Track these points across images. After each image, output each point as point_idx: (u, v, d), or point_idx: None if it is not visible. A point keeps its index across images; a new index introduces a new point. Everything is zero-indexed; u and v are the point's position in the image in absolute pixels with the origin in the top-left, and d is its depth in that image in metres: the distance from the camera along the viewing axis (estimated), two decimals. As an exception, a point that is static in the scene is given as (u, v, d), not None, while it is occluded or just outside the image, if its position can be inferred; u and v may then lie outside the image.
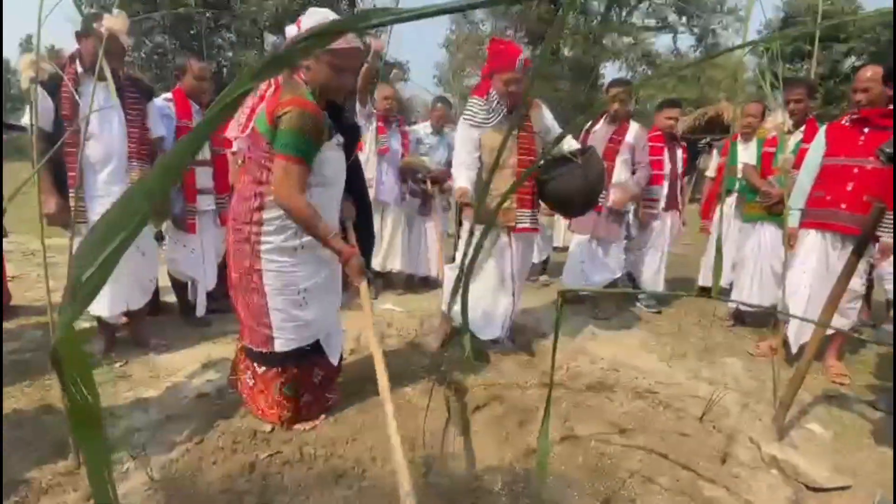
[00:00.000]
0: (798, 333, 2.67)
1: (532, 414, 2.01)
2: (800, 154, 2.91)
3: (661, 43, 19.31)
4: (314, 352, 1.89)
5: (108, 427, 1.87)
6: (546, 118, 2.55)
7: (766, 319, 3.40)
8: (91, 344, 2.61)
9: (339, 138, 1.74)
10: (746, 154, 3.39)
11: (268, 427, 1.83)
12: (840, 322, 2.59)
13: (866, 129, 2.48)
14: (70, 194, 2.20)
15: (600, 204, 3.09)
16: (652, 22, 19.37)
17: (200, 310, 2.93)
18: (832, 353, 2.74)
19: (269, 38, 15.77)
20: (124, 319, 2.60)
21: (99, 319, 2.51)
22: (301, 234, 1.68)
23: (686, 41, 19.63)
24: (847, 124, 2.56)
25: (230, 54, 15.82)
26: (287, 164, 1.55)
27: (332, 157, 1.70)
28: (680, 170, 3.68)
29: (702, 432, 1.99)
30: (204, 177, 2.82)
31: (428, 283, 4.12)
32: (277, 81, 1.74)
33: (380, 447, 1.73)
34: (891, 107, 2.43)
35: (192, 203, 2.76)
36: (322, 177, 1.67)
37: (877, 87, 2.39)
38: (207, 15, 14.00)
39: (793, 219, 2.72)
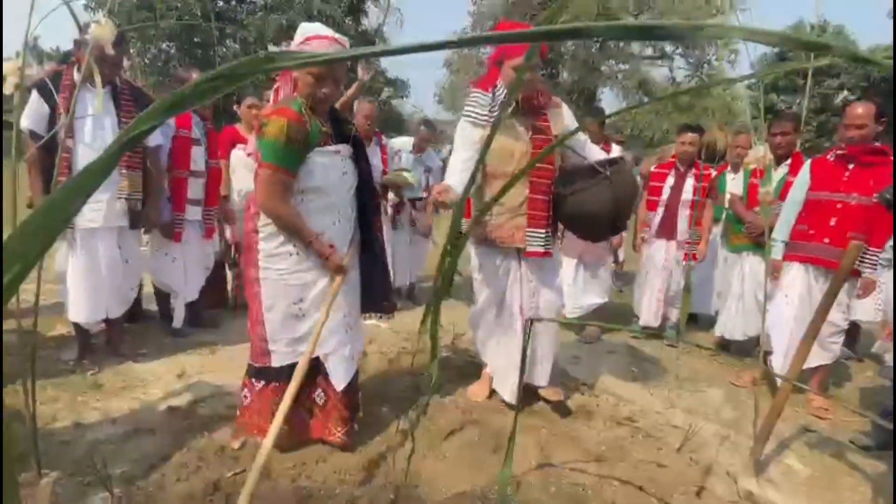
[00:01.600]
0: (782, 366, 2.66)
1: (507, 439, 1.97)
2: (785, 187, 2.95)
3: (659, 72, 19.71)
4: (316, 371, 1.76)
5: (73, 439, 1.83)
6: (566, 120, 2.15)
7: (750, 349, 3.40)
8: (65, 350, 2.57)
9: (339, 147, 1.73)
10: (734, 184, 3.43)
11: (236, 444, 1.79)
12: (823, 356, 2.60)
13: (851, 166, 2.52)
14: None
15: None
16: (649, 51, 19.82)
17: (178, 321, 2.89)
18: (814, 387, 2.73)
19: (274, 49, 15.95)
20: (102, 326, 2.56)
21: (76, 325, 2.47)
22: (294, 240, 1.67)
23: (682, 71, 20.05)
24: (832, 160, 2.60)
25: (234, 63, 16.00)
26: (267, 173, 1.58)
27: (325, 163, 1.67)
28: (689, 197, 3.44)
29: (679, 463, 1.96)
30: (196, 187, 2.81)
31: (413, 297, 4.12)
32: (276, 95, 1.75)
33: (350, 470, 1.69)
34: (876, 144, 2.47)
35: (180, 212, 2.75)
36: (312, 183, 1.65)
37: (871, 124, 2.42)
38: (213, 25, 14.19)
39: (776, 251, 2.75)
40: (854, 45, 19.25)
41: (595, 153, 2.18)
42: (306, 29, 1.66)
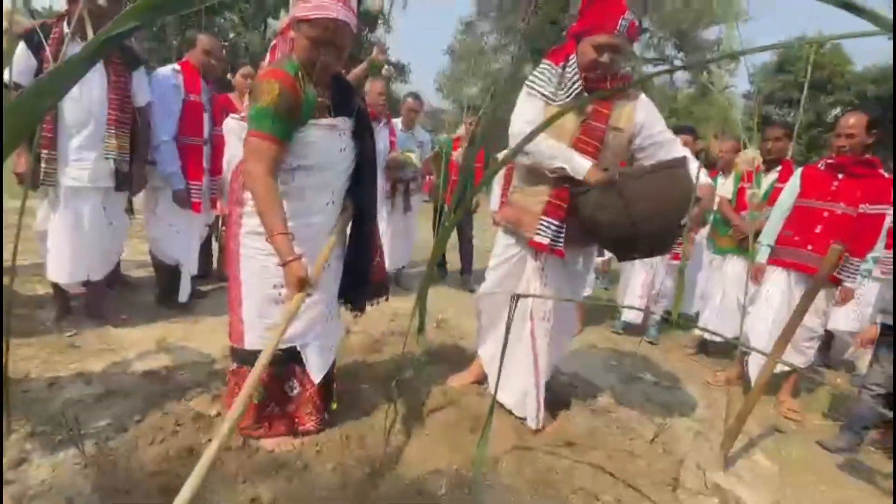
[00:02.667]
0: (755, 368, 2.72)
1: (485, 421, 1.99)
2: (774, 193, 3.00)
3: (659, 75, 19.74)
4: (292, 359, 1.67)
5: (46, 398, 1.80)
6: (639, 116, 1.82)
7: (729, 350, 3.47)
8: (44, 310, 2.52)
9: (336, 121, 1.56)
10: (723, 188, 3.47)
11: (213, 411, 1.78)
12: (797, 360, 2.66)
13: (840, 175, 2.55)
14: (44, 155, 2.13)
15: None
16: (650, 54, 19.84)
17: (184, 295, 2.79)
18: (787, 390, 2.80)
19: (273, 24, 15.63)
20: (82, 289, 2.51)
21: (55, 286, 2.43)
22: (304, 218, 1.54)
23: (681, 76, 20.13)
24: (822, 168, 2.64)
25: (232, 35, 15.64)
26: (253, 141, 1.41)
27: (320, 137, 1.52)
28: None
29: (651, 454, 2.00)
30: (204, 158, 2.72)
31: (400, 282, 4.11)
32: (273, 54, 1.57)
33: (325, 445, 1.69)
34: (867, 156, 2.51)
35: (197, 181, 2.65)
36: (304, 158, 1.51)
37: (861, 133, 2.44)
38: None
39: (761, 254, 2.79)
40: (851, 61, 19.48)
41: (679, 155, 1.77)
42: None
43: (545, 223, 1.85)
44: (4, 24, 1.30)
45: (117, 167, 2.30)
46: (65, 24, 2.18)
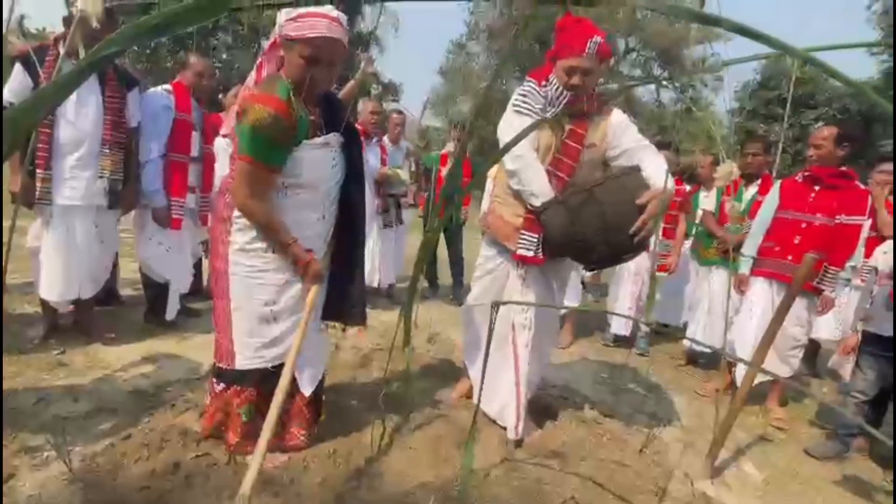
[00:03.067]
0: (744, 376, 2.76)
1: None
2: (754, 206, 3.08)
3: (645, 92, 20.25)
4: (276, 376, 1.59)
5: (34, 413, 1.79)
6: (614, 131, 1.90)
7: (718, 361, 3.51)
8: (32, 328, 2.51)
9: (329, 138, 1.57)
10: (707, 201, 3.55)
11: (199, 427, 1.77)
12: (782, 369, 2.70)
13: (817, 187, 2.63)
14: (39, 174, 2.16)
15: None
16: (638, 72, 20.35)
17: (171, 313, 2.79)
18: (773, 399, 2.83)
19: (266, 44, 15.86)
20: (70, 307, 2.51)
21: (43, 304, 2.42)
22: (269, 239, 1.55)
23: (668, 94, 20.60)
24: (800, 181, 2.72)
25: (224, 56, 15.86)
26: (243, 167, 1.43)
27: (312, 157, 1.53)
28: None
29: (640, 464, 2.01)
30: (192, 174, 2.76)
31: (392, 296, 4.13)
32: (259, 73, 1.58)
33: (312, 460, 1.69)
34: (843, 168, 2.59)
35: (180, 199, 2.67)
36: (297, 177, 1.51)
37: (828, 146, 2.54)
38: (207, 16, 14.09)
39: (744, 265, 2.86)
40: (838, 73, 20.01)
41: (650, 167, 1.80)
42: (299, 9, 1.42)
43: (525, 236, 1.92)
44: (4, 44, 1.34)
45: (110, 186, 2.33)
46: (60, 45, 2.23)
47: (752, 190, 3.22)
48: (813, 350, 3.67)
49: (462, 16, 19.92)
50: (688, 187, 3.70)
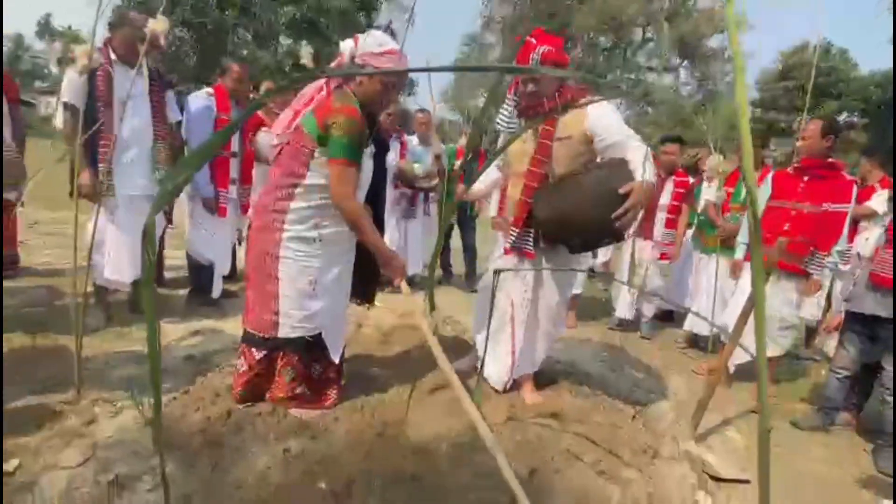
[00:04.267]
0: (733, 356, 2.94)
1: (484, 398, 2.25)
2: (752, 196, 3.24)
3: (663, 83, 20.05)
4: (315, 346, 1.92)
5: (105, 374, 2.10)
6: (590, 120, 2.02)
7: (717, 344, 3.68)
8: (90, 317, 2.81)
9: (371, 148, 1.90)
10: (709, 192, 3.72)
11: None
12: (771, 349, 2.88)
13: (806, 178, 2.80)
14: (104, 169, 2.43)
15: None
16: (655, 62, 20.16)
17: (216, 292, 3.13)
18: (765, 377, 3.00)
19: (285, 42, 16.22)
20: (127, 287, 2.81)
21: (99, 290, 2.70)
22: (321, 227, 1.82)
23: (686, 84, 20.37)
24: (791, 172, 2.89)
25: (245, 52, 16.28)
26: (343, 168, 1.72)
27: (365, 164, 1.84)
28: (667, 201, 3.73)
29: (632, 428, 2.22)
30: (233, 168, 3.07)
31: (413, 283, 4.39)
32: (329, 87, 1.84)
33: (342, 414, 1.96)
34: (830, 159, 2.75)
35: (224, 189, 3.00)
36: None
37: (814, 138, 2.71)
38: (226, 13, 14.43)
39: (739, 252, 3.03)
40: (855, 67, 19.56)
41: (634, 160, 1.91)
42: (383, 40, 1.81)
43: (513, 232, 2.19)
44: (84, 61, 1.62)
45: (161, 178, 2.62)
46: (110, 50, 2.49)
47: (751, 181, 3.37)
48: (810, 332, 3.82)
49: (477, 8, 19.97)
50: (691, 179, 3.86)
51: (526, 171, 2.11)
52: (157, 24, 1.61)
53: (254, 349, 1.92)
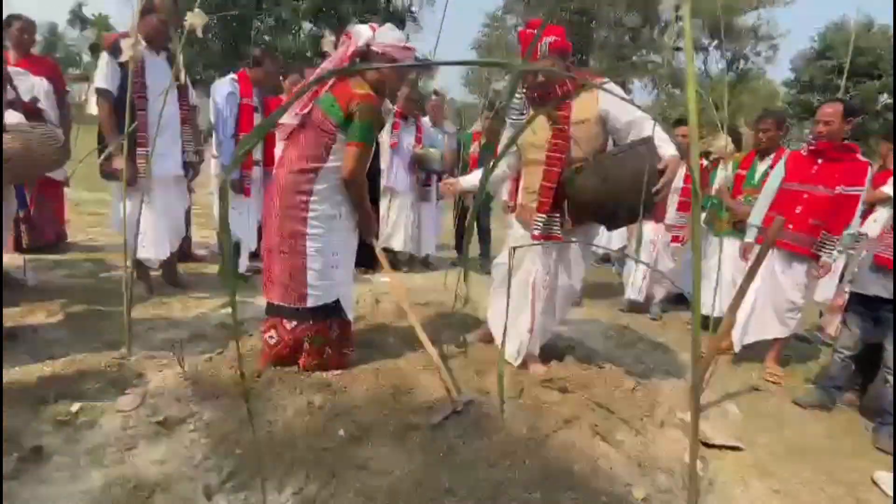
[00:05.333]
0: (741, 336, 3.02)
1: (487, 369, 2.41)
2: (765, 179, 3.25)
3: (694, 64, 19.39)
4: (332, 310, 2.12)
5: (147, 337, 2.34)
6: (602, 103, 2.13)
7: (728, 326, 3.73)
8: (136, 287, 3.07)
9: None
10: (722, 175, 3.72)
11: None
12: (780, 330, 2.94)
13: (820, 160, 2.81)
14: (141, 153, 2.63)
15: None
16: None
17: (242, 266, 3.38)
18: (772, 357, 3.07)
19: (307, 27, 16.34)
20: (158, 264, 3.05)
21: (138, 266, 2.92)
22: (342, 204, 2.02)
23: (717, 64, 19.65)
24: (805, 154, 2.90)
25: (267, 38, 16.50)
26: (360, 150, 1.92)
27: None
28: (680, 185, 3.72)
29: (632, 397, 2.34)
30: (256, 150, 3.26)
31: (428, 265, 4.56)
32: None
33: (360, 375, 2.15)
34: (845, 142, 2.75)
35: (248, 171, 3.21)
36: None
37: (837, 122, 2.69)
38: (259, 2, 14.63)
39: (749, 234, 3.07)
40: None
41: (650, 133, 2.04)
42: (401, 36, 2.03)
43: (538, 218, 2.26)
44: (131, 52, 1.80)
45: (188, 159, 2.83)
46: (139, 35, 2.65)
47: (765, 164, 3.38)
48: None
49: (499, -11, 19.61)
50: (705, 162, 3.87)
51: (546, 157, 2.18)
52: (195, 18, 1.77)
53: (285, 321, 2.08)
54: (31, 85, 2.95)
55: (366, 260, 2.53)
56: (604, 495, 1.60)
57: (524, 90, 2.25)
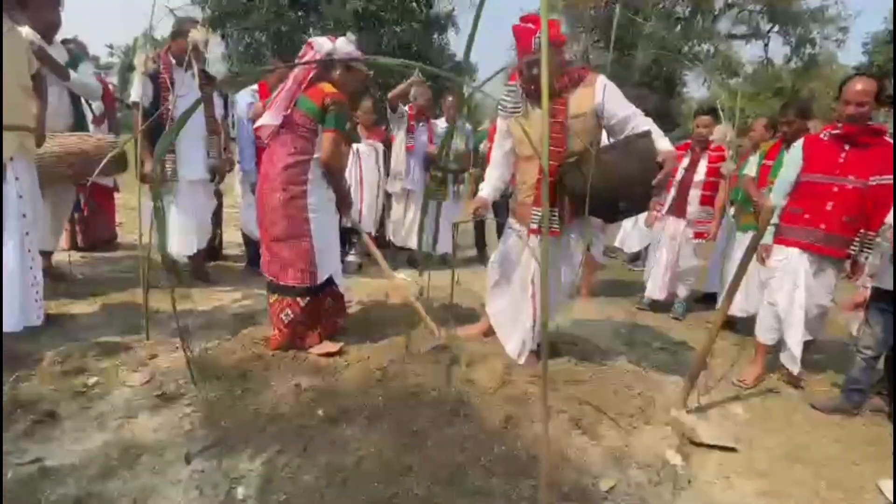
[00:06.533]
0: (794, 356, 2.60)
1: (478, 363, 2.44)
2: (787, 170, 3.04)
3: (754, 52, 18.23)
4: (325, 283, 2.41)
5: (167, 323, 2.59)
6: (597, 98, 2.15)
7: (753, 325, 3.50)
8: (165, 279, 3.37)
9: None
10: (748, 166, 3.52)
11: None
12: (806, 333, 2.68)
13: (847, 147, 2.45)
14: (169, 157, 2.91)
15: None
16: (743, 29, 18.27)
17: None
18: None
19: (352, 37, 16.91)
20: (186, 259, 3.33)
21: (168, 263, 3.20)
22: (328, 190, 2.33)
23: (780, 50, 18.27)
24: (826, 139, 2.53)
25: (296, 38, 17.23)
26: (336, 136, 2.23)
27: None
28: (702, 178, 3.60)
29: (625, 394, 2.29)
30: None
31: (446, 262, 4.63)
32: (307, 76, 2.27)
33: (351, 361, 2.27)
34: (871, 124, 2.47)
35: None
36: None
37: (871, 101, 2.36)
38: (299, 13, 15.38)
39: (769, 234, 2.59)
40: None
41: (646, 128, 2.07)
42: (354, 48, 2.33)
43: (535, 212, 2.27)
44: (142, 67, 2.03)
45: (213, 164, 3.09)
46: (170, 55, 2.89)
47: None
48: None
49: (540, -13, 19.35)
50: (727, 152, 3.67)
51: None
52: (197, 34, 1.96)
53: (299, 299, 2.32)
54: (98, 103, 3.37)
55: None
56: (566, 485, 1.61)
57: (520, 84, 2.26)
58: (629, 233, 5.09)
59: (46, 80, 2.28)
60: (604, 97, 2.15)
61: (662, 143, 2.07)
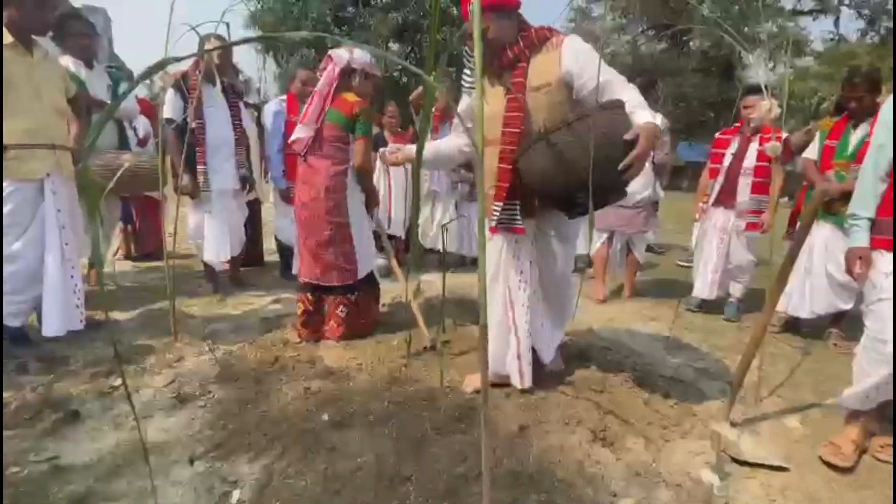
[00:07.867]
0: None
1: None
2: (863, 148, 2.67)
3: (822, 27, 16.68)
4: (366, 279, 2.66)
5: (198, 328, 2.69)
6: (567, 62, 1.73)
7: (823, 327, 3.12)
8: (204, 286, 3.54)
9: None
10: (810, 149, 3.14)
11: (296, 339, 2.50)
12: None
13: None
14: (200, 169, 3.06)
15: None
16: (810, 4, 16.76)
17: (295, 268, 3.72)
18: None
19: (393, 47, 17.30)
20: (225, 266, 3.46)
21: (206, 268, 3.37)
22: (360, 193, 2.54)
23: (852, 25, 16.59)
24: None
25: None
26: (366, 143, 2.43)
27: None
28: (752, 164, 3.28)
29: (659, 404, 2.08)
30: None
31: (465, 263, 4.54)
32: (331, 90, 2.45)
33: (367, 365, 2.24)
34: None
35: (294, 182, 3.54)
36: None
37: None
38: (343, 28, 15.94)
39: (858, 233, 1.80)
40: None
41: (624, 96, 1.64)
42: (371, 58, 2.56)
43: (496, 207, 1.84)
44: (160, 82, 2.12)
45: (243, 174, 3.20)
46: (198, 72, 3.04)
47: (861, 132, 2.79)
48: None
49: (583, -20, 18.83)
50: (785, 134, 3.30)
51: (501, 133, 1.76)
52: (214, 54, 2.03)
53: (348, 295, 2.56)
54: (144, 122, 3.62)
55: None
56: (578, 502, 1.47)
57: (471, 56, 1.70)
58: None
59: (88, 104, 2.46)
60: (573, 62, 1.71)
61: (640, 116, 1.60)
